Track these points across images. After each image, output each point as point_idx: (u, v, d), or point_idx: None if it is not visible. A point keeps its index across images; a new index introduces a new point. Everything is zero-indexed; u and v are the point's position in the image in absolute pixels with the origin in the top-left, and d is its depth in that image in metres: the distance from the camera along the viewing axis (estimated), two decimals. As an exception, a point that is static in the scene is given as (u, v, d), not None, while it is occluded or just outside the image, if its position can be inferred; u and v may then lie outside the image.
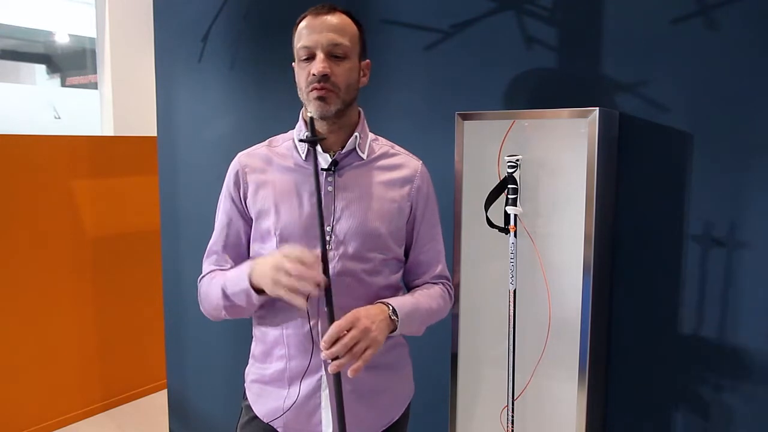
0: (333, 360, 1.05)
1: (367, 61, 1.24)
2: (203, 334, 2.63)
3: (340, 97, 1.16)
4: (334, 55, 1.15)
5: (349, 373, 1.05)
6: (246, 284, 1.12)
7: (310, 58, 1.15)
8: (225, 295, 1.18)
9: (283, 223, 1.19)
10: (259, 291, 1.11)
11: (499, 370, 1.50)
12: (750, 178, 1.29)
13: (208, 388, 2.66)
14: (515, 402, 1.47)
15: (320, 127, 1.20)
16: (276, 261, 1.04)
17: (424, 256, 1.32)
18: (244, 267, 1.15)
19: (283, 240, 1.19)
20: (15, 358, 2.96)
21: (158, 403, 3.47)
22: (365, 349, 1.07)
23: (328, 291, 1.10)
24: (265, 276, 1.06)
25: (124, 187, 3.44)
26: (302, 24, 1.17)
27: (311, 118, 1.17)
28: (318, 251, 1.07)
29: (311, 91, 1.14)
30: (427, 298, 1.27)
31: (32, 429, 3.06)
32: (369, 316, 1.10)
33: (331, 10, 1.17)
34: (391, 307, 1.17)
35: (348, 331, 1.05)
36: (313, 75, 1.13)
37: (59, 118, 5.63)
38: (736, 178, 1.31)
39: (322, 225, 1.10)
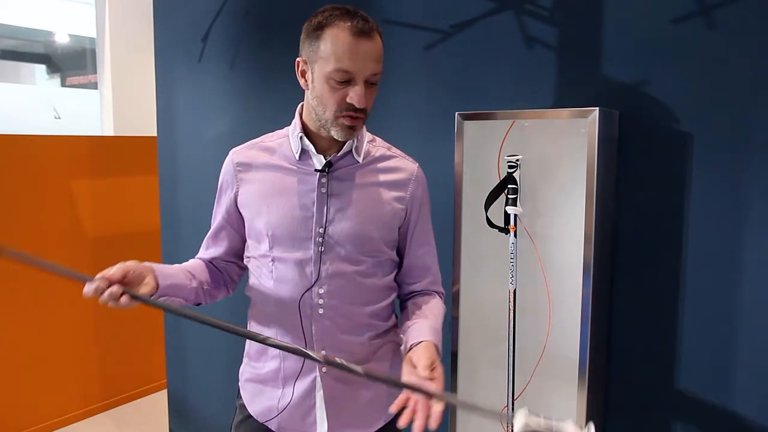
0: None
1: None
2: (203, 334, 2.63)
3: (364, 121, 1.17)
4: (370, 83, 1.13)
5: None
6: None
7: (348, 82, 1.10)
8: None
9: (275, 224, 1.19)
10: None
11: (499, 370, 1.50)
12: (750, 177, 1.29)
13: (208, 388, 2.66)
14: (515, 402, 1.47)
15: (324, 131, 1.18)
16: None
17: (420, 260, 1.31)
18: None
19: (274, 240, 1.19)
20: (15, 358, 2.96)
21: (158, 403, 3.47)
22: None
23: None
24: None
25: (124, 187, 3.44)
26: (340, 40, 1.08)
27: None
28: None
29: (343, 117, 1.12)
30: (438, 317, 1.26)
31: (32, 429, 3.06)
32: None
33: (371, 31, 1.10)
34: (437, 348, 1.16)
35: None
36: (350, 104, 1.10)
37: (59, 118, 5.63)
38: (736, 177, 1.31)
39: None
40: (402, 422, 0.99)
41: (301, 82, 1.18)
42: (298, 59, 1.18)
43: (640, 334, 1.46)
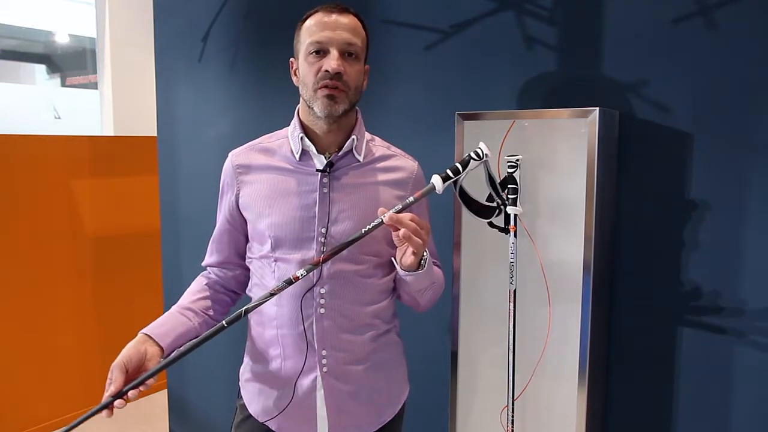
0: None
1: (367, 66, 1.25)
2: (203, 334, 2.62)
3: (348, 98, 1.16)
4: (347, 53, 1.14)
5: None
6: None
7: (322, 54, 1.14)
8: None
9: (277, 226, 1.19)
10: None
11: (499, 370, 1.50)
12: (750, 178, 1.29)
13: (208, 388, 2.66)
14: (515, 402, 1.47)
15: (319, 127, 1.19)
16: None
17: None
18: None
19: (277, 242, 1.19)
20: (15, 358, 2.96)
21: (158, 403, 3.47)
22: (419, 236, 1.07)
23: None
24: None
25: (124, 187, 3.44)
26: (313, 20, 1.16)
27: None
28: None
29: (321, 88, 1.13)
30: (435, 268, 1.27)
31: (32, 429, 3.06)
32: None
33: (345, 10, 1.17)
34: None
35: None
36: (326, 71, 1.12)
37: (59, 118, 5.63)
38: (736, 177, 1.31)
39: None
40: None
41: (294, 80, 1.22)
42: (291, 59, 1.22)
43: (640, 334, 1.46)
